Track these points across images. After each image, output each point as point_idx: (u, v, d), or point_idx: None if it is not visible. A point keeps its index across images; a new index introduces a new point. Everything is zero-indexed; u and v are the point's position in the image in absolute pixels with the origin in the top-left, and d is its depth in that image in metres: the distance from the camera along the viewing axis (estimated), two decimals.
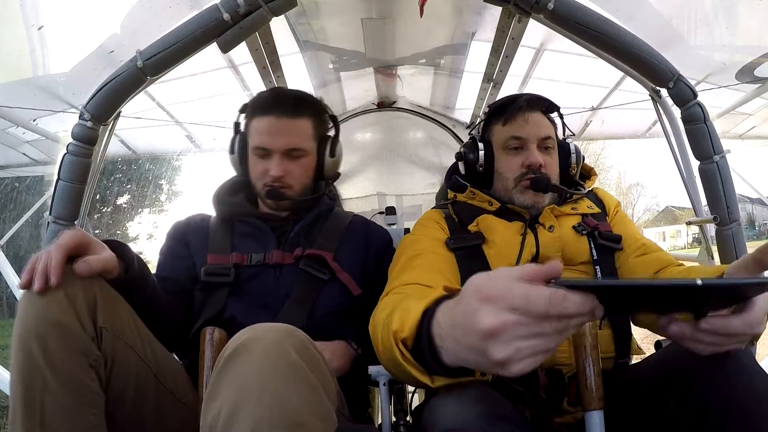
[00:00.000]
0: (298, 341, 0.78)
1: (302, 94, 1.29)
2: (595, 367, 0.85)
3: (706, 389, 0.78)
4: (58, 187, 1.11)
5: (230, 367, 0.74)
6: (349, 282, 1.20)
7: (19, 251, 6.09)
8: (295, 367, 0.74)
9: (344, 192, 2.47)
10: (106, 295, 0.90)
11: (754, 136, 2.82)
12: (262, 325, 0.79)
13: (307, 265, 1.18)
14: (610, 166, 19.99)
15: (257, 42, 1.62)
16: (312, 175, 1.28)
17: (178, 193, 12.72)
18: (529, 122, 1.22)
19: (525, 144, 1.21)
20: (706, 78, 2.03)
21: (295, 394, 0.72)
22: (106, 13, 1.50)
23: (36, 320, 0.81)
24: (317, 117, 1.28)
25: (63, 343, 0.81)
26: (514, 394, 0.99)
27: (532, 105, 1.24)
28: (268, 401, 0.70)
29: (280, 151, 1.21)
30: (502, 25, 1.60)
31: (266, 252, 1.20)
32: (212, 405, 0.73)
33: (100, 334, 0.86)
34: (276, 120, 1.21)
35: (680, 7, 1.64)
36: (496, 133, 1.25)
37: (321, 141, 1.28)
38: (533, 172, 1.19)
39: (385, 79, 2.20)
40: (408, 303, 0.77)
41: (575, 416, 1.01)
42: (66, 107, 1.94)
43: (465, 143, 1.31)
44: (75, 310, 0.83)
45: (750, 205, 19.46)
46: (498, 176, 1.24)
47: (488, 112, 1.29)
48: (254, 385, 0.71)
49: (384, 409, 1.10)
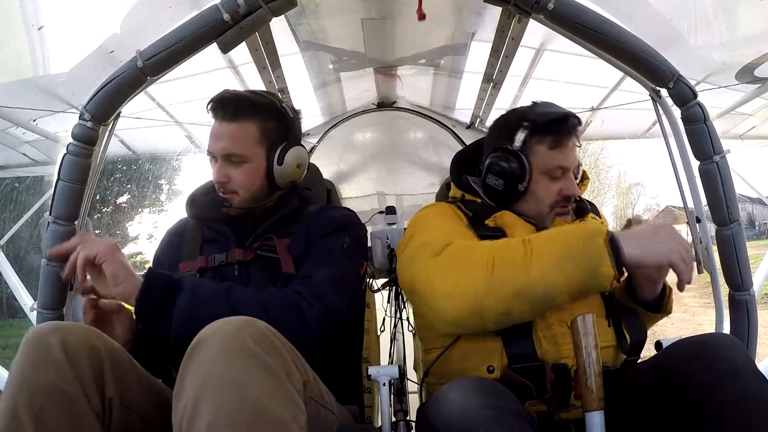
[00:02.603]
0: (256, 330, 0.77)
1: (248, 96, 1.20)
2: (596, 368, 0.85)
3: (703, 393, 0.78)
4: (58, 188, 1.10)
5: (191, 363, 0.75)
6: (283, 257, 1.14)
7: (19, 251, 6.08)
8: (253, 355, 0.74)
9: (344, 192, 2.47)
10: (115, 357, 0.85)
11: (754, 136, 2.82)
12: (221, 320, 0.79)
13: (263, 250, 1.17)
14: (610, 166, 19.97)
15: (257, 42, 1.62)
16: (261, 181, 1.20)
17: (178, 193, 12.71)
18: (572, 149, 1.19)
19: (566, 173, 1.19)
20: (706, 78, 2.03)
21: (254, 383, 0.72)
22: (106, 13, 1.50)
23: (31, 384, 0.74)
24: (264, 119, 1.18)
25: (61, 413, 0.74)
26: (522, 391, 1.00)
27: (574, 127, 1.20)
28: (228, 391, 0.70)
29: (220, 156, 1.17)
30: (502, 26, 1.59)
31: (228, 252, 1.19)
32: (179, 402, 0.73)
33: (109, 406, 0.81)
34: (218, 124, 1.17)
35: (680, 7, 1.64)
36: (541, 155, 1.18)
37: (271, 146, 1.19)
38: (567, 200, 1.20)
39: (385, 79, 2.20)
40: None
41: (581, 411, 1.02)
42: (66, 107, 1.94)
43: (501, 152, 1.20)
44: (79, 377, 0.77)
45: (750, 205, 19.43)
46: (533, 197, 1.20)
47: (531, 126, 1.19)
48: (213, 376, 0.72)
49: (384, 409, 1.10)
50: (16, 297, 2.62)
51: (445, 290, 0.98)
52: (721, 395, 0.77)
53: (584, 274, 0.92)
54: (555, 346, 1.03)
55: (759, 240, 18.95)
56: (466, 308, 0.96)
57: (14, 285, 2.60)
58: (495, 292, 0.95)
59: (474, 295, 0.96)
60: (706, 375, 0.80)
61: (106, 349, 0.84)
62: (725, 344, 0.84)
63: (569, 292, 0.94)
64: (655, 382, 0.88)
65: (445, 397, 0.83)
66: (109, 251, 0.97)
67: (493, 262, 0.96)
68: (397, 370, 1.13)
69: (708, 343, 0.85)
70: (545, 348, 1.03)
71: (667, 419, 0.83)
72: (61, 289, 1.13)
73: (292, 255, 1.15)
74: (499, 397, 0.80)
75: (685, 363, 0.83)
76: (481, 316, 0.96)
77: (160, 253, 1.31)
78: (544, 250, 0.96)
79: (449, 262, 1.01)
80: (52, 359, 0.77)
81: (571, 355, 1.02)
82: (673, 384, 0.83)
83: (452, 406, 0.79)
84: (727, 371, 0.79)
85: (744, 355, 0.83)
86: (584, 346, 0.86)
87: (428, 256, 1.04)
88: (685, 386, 0.81)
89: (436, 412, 0.82)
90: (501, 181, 1.19)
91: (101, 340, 0.85)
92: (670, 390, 0.83)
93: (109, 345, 0.86)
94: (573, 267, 0.92)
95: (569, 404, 1.02)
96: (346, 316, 1.10)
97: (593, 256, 0.91)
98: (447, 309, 0.99)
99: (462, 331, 1.07)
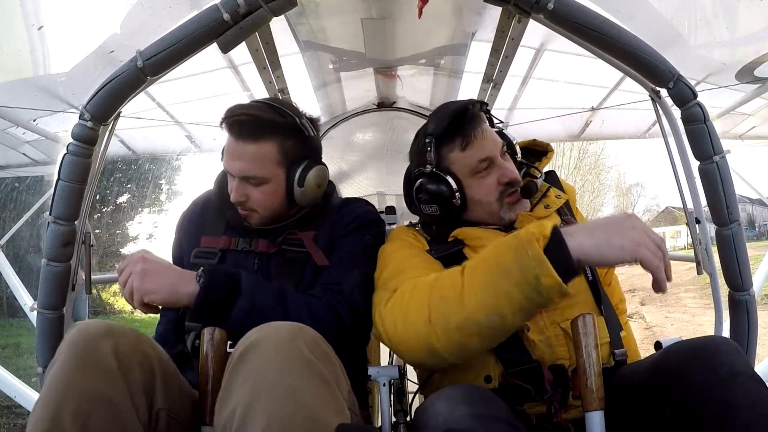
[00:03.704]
0: (309, 337, 0.78)
1: (267, 114, 1.12)
2: (596, 368, 0.85)
3: (702, 397, 0.78)
4: (58, 188, 1.10)
5: (242, 366, 0.74)
6: (313, 251, 1.14)
7: (19, 251, 6.08)
8: (307, 362, 0.74)
9: (344, 191, 2.47)
10: (164, 367, 0.83)
11: (754, 136, 2.82)
12: (271, 324, 0.79)
13: (287, 245, 1.17)
14: (610, 167, 19.93)
15: (257, 42, 1.62)
16: (281, 201, 1.17)
17: (178, 193, 12.71)
18: (486, 136, 1.14)
19: (493, 161, 1.14)
20: (706, 78, 2.03)
21: (307, 390, 0.72)
22: (106, 13, 1.50)
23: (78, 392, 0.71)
24: (284, 139, 1.13)
25: (108, 423, 0.72)
26: (522, 394, 0.99)
27: (476, 116, 1.15)
28: (282, 396, 0.70)
29: (238, 176, 1.13)
30: (502, 26, 1.59)
31: (252, 240, 1.19)
32: (226, 404, 0.72)
33: (156, 417, 0.79)
34: (235, 142, 1.12)
35: (680, 7, 1.64)
36: (457, 160, 1.14)
37: (291, 165, 1.14)
38: (510, 185, 1.15)
39: (385, 79, 2.20)
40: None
41: (581, 411, 1.02)
42: (66, 107, 1.94)
43: (420, 178, 1.17)
44: (129, 387, 0.75)
45: (750, 206, 19.43)
46: (475, 202, 1.15)
47: (433, 138, 1.14)
48: (267, 381, 0.71)
49: (384, 409, 1.10)
50: (16, 297, 2.62)
51: (398, 338, 0.96)
52: (721, 399, 0.76)
53: (523, 290, 0.82)
54: (550, 348, 1.03)
55: (759, 240, 18.95)
56: (421, 350, 0.93)
57: (14, 285, 2.60)
58: (439, 331, 0.89)
59: (421, 338, 0.91)
60: (705, 378, 0.79)
61: (158, 357, 0.83)
62: (724, 348, 0.83)
63: (518, 312, 0.85)
64: (654, 384, 0.87)
65: (432, 407, 0.82)
66: (145, 290, 0.95)
67: (428, 303, 0.91)
68: (397, 370, 1.12)
69: (707, 347, 0.84)
70: (541, 351, 1.03)
71: (666, 422, 0.83)
72: (61, 289, 1.13)
73: (319, 248, 1.16)
74: (486, 406, 0.79)
75: (685, 366, 0.82)
76: (440, 356, 0.92)
77: (180, 233, 1.29)
78: (477, 276, 0.88)
79: (394, 311, 0.98)
80: (103, 367, 0.74)
81: (566, 356, 1.03)
82: (672, 387, 0.82)
83: (439, 417, 0.78)
84: (726, 375, 0.78)
85: (743, 358, 0.82)
86: (584, 346, 0.85)
87: (381, 304, 1.02)
88: (685, 389, 0.80)
89: (424, 422, 0.81)
90: (435, 206, 1.16)
91: (152, 347, 0.84)
92: (669, 393, 0.83)
93: (159, 353, 0.85)
94: (510, 285, 0.83)
95: (568, 404, 1.02)
96: (372, 320, 1.12)
97: (528, 268, 0.81)
98: (407, 354, 0.98)
99: (437, 367, 1.06)
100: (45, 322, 1.13)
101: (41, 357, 1.15)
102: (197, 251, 1.20)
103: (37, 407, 0.71)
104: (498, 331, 0.88)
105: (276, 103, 1.18)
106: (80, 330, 0.78)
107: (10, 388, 2.26)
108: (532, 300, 0.83)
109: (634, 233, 0.82)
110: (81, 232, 1.17)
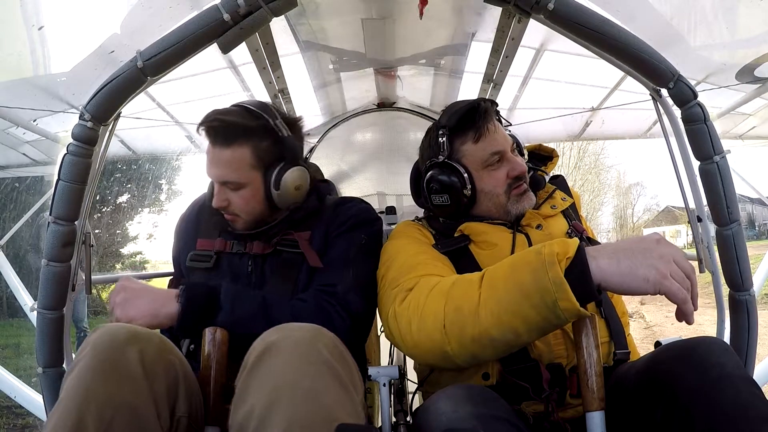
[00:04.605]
0: (328, 340, 0.78)
1: (239, 119, 1.13)
2: (597, 368, 0.85)
3: (692, 399, 0.77)
4: (58, 188, 1.10)
5: (260, 367, 0.74)
6: (307, 252, 1.14)
7: (19, 251, 6.08)
8: (327, 365, 0.74)
9: (344, 192, 2.47)
10: (186, 374, 0.83)
11: (754, 136, 2.82)
12: (290, 325, 0.79)
13: (282, 245, 1.18)
14: (610, 166, 19.99)
15: (257, 42, 1.62)
16: (261, 204, 1.18)
17: (178, 193, 12.72)
18: (497, 131, 1.17)
19: (503, 155, 1.17)
20: (706, 78, 2.03)
21: (327, 392, 0.72)
22: (106, 13, 1.50)
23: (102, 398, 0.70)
24: (258, 142, 1.14)
25: (130, 429, 0.71)
26: (518, 392, 1.00)
27: (488, 110, 1.18)
28: (302, 398, 0.70)
29: (216, 181, 1.16)
30: (502, 26, 1.59)
31: (247, 241, 1.20)
32: (242, 405, 0.72)
33: (177, 423, 0.80)
34: (212, 148, 1.15)
35: (680, 7, 1.64)
36: (470, 152, 1.17)
37: (267, 168, 1.16)
38: (518, 179, 1.17)
39: (385, 79, 2.20)
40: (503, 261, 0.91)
41: (577, 410, 1.02)
42: (66, 107, 1.94)
43: (433, 168, 1.19)
44: (153, 394, 0.75)
45: (750, 205, 19.45)
46: (485, 196, 1.18)
47: (447, 130, 1.17)
48: (287, 383, 0.71)
49: (384, 410, 1.10)
50: (16, 297, 2.62)
51: (412, 341, 0.96)
52: (711, 401, 0.76)
53: (540, 312, 0.82)
54: (548, 347, 1.04)
55: (759, 240, 18.97)
56: (435, 356, 0.94)
57: (14, 285, 2.60)
58: (453, 341, 0.90)
59: (436, 345, 0.91)
60: (695, 380, 0.78)
61: (180, 362, 0.83)
62: (714, 349, 0.82)
63: (534, 331, 0.85)
64: (645, 385, 0.87)
65: (434, 407, 0.82)
66: (128, 318, 0.96)
67: (444, 312, 0.91)
68: (397, 370, 1.13)
69: (698, 348, 0.83)
70: (539, 349, 1.04)
71: (657, 424, 0.82)
72: (61, 289, 1.13)
73: (314, 248, 1.16)
74: (489, 405, 0.80)
75: (676, 367, 0.82)
76: (453, 362, 0.92)
77: (178, 236, 1.31)
78: (494, 291, 0.87)
79: (409, 310, 0.97)
80: (128, 374, 0.74)
81: (564, 355, 1.03)
82: (663, 388, 0.82)
83: (441, 417, 0.78)
84: (717, 377, 0.77)
85: (734, 359, 0.81)
86: (585, 346, 0.85)
87: (396, 302, 1.01)
88: (674, 391, 0.80)
89: (426, 422, 0.81)
90: (446, 195, 1.17)
91: (174, 352, 0.84)
92: (660, 394, 0.83)
93: (180, 358, 0.85)
94: (528, 307, 0.82)
95: (565, 403, 1.02)
96: (369, 321, 1.13)
97: (548, 293, 0.80)
98: (419, 357, 1.00)
99: (446, 368, 1.07)
100: (45, 322, 1.12)
101: (41, 357, 1.14)
102: (193, 254, 1.21)
103: (58, 411, 0.70)
104: (512, 345, 0.89)
105: (251, 105, 1.19)
106: (104, 333, 0.77)
107: (10, 389, 2.26)
108: (549, 321, 0.83)
109: (660, 263, 0.78)
110: (81, 232, 1.17)
